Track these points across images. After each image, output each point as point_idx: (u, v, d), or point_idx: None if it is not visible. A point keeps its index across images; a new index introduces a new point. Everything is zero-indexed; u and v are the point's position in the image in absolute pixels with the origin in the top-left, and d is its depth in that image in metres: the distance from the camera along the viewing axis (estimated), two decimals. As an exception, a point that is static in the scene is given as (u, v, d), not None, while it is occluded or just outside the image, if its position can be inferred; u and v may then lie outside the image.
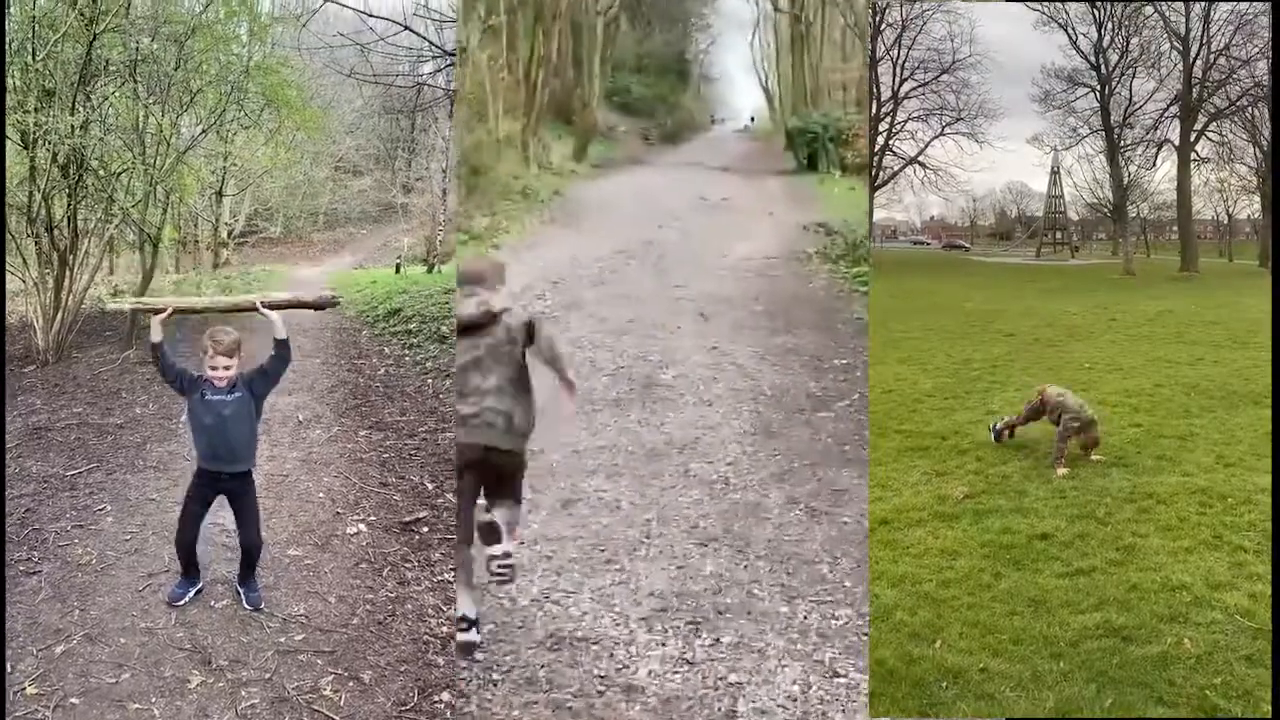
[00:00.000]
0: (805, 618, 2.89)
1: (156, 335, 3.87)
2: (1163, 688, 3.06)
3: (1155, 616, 3.52)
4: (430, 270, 19.22)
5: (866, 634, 2.77)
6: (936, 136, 22.75)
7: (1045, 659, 3.27)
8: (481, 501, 3.10)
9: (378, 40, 9.81)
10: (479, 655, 3.25)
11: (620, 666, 2.99)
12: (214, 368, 3.79)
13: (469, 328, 2.95)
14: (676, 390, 4.84)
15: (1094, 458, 5.21)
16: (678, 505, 3.66)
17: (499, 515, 3.07)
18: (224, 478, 3.89)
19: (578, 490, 3.78)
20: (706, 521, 3.52)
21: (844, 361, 5.14)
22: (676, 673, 2.91)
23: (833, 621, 2.82)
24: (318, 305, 4.20)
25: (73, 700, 3.19)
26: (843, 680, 2.77)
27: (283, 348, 3.96)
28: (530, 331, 2.98)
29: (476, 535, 3.08)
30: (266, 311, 3.92)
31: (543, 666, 2.88)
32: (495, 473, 3.02)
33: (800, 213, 10.00)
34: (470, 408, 2.94)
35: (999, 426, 5.75)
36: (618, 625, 2.97)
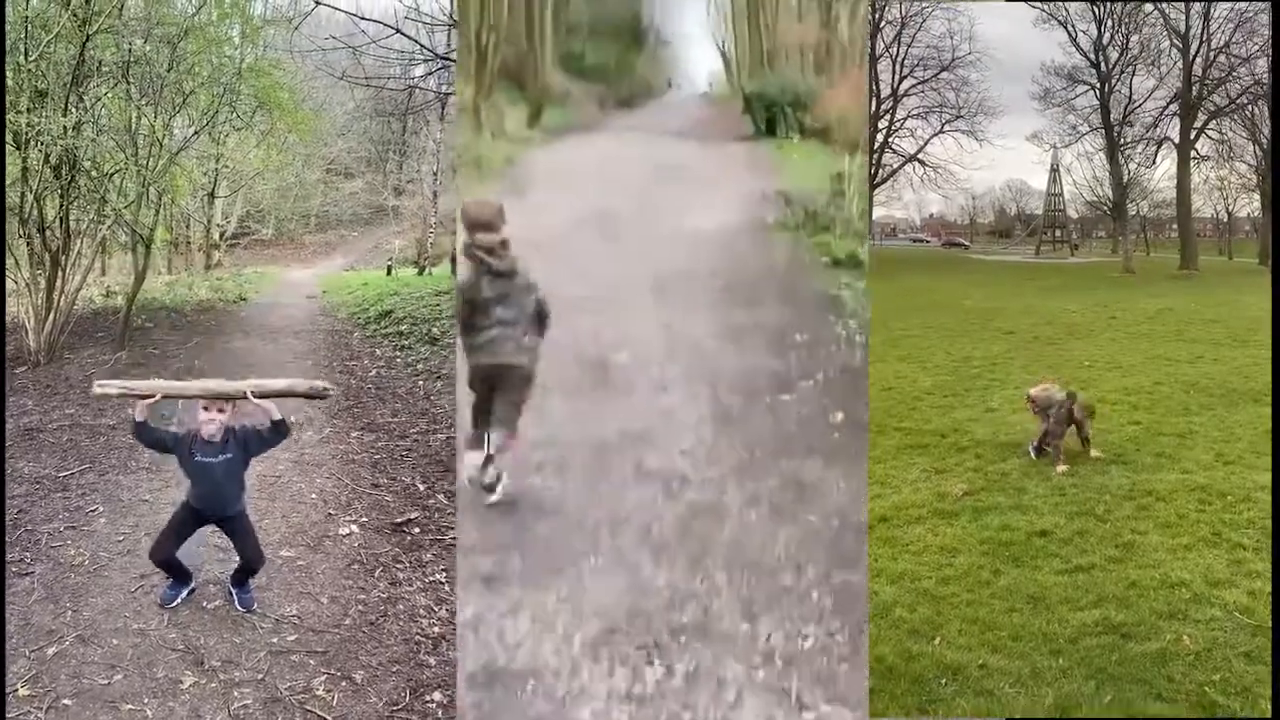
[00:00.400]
0: (768, 639, 2.66)
1: (140, 416, 3.83)
2: (1161, 684, 3.08)
3: (1154, 613, 3.54)
4: (421, 272, 19.26)
5: (841, 654, 2.57)
6: (936, 134, 22.85)
7: (1044, 655, 3.29)
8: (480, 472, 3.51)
9: (369, 43, 9.88)
10: None
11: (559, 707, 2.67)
12: (206, 408, 3.80)
13: (500, 273, 3.49)
14: (629, 373, 4.57)
15: (1094, 454, 5.23)
16: (629, 506, 3.39)
17: (495, 436, 3.53)
18: (215, 519, 3.95)
19: (521, 490, 3.49)
20: (660, 525, 3.28)
21: (805, 337, 4.92)
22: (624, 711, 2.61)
23: (799, 642, 2.64)
24: (310, 394, 4.08)
25: (65, 701, 3.19)
26: (810, 716, 2.50)
27: (279, 428, 3.95)
28: (535, 289, 3.58)
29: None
30: (257, 401, 3.85)
31: (473, 708, 2.59)
32: (507, 383, 3.54)
33: (759, 180, 9.57)
34: (490, 334, 3.49)
35: (1035, 444, 5.59)
36: (559, 653, 2.70)
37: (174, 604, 3.86)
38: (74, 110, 9.23)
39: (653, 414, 4.11)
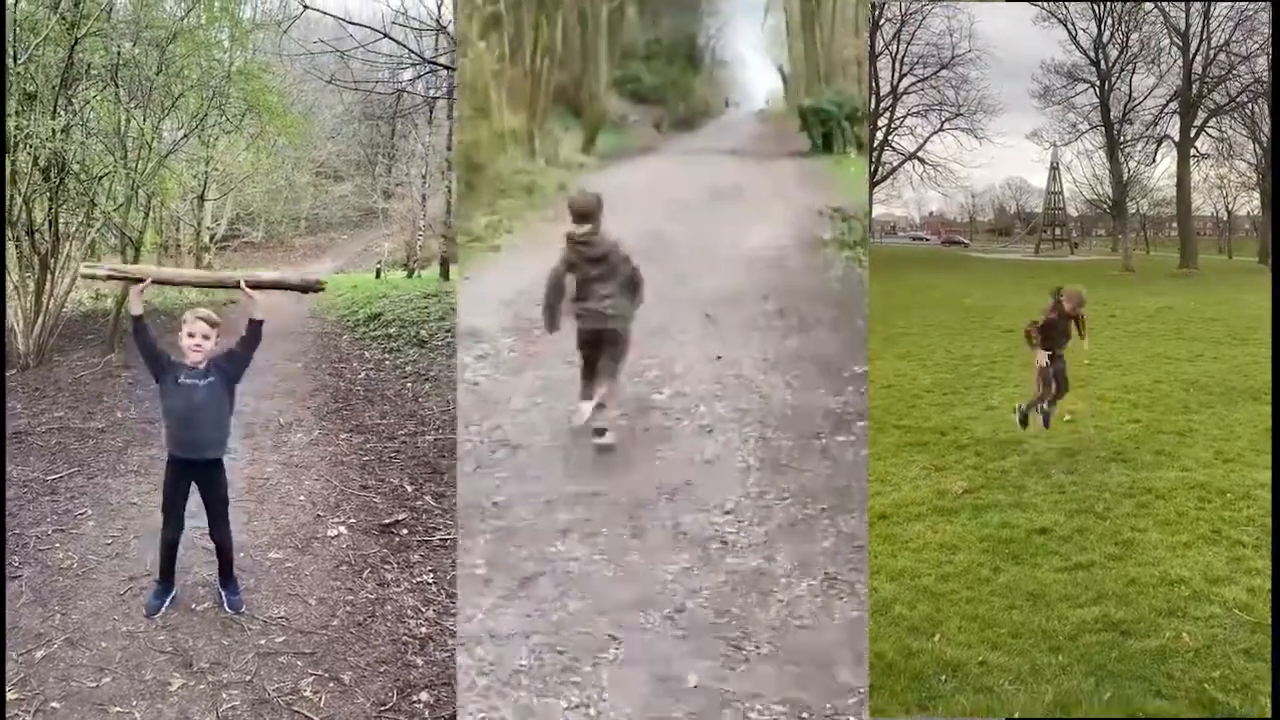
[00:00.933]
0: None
1: (137, 308, 3.79)
2: (1161, 681, 3.09)
3: (1154, 611, 3.55)
4: (410, 275, 19.29)
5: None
6: (936, 132, 22.82)
7: (1044, 652, 3.30)
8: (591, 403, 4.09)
9: (358, 47, 9.92)
10: None
11: None
12: (191, 334, 3.73)
13: (597, 258, 4.10)
14: (672, 414, 4.30)
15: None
16: (662, 578, 3.02)
17: (599, 390, 4.09)
18: (195, 465, 3.85)
19: (542, 559, 3.19)
20: (696, 601, 2.90)
21: (861, 369, 4.75)
22: None
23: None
24: (303, 288, 4.10)
25: (53, 705, 3.18)
26: None
27: (255, 328, 3.87)
28: (629, 261, 4.19)
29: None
30: (249, 292, 3.84)
31: None
32: (597, 344, 4.15)
33: (814, 196, 9.46)
34: (594, 305, 4.11)
35: (1024, 407, 5.73)
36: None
37: (158, 613, 3.85)
38: (63, 113, 9.24)
39: (694, 465, 3.82)
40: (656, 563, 3.25)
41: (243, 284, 3.84)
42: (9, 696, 3.24)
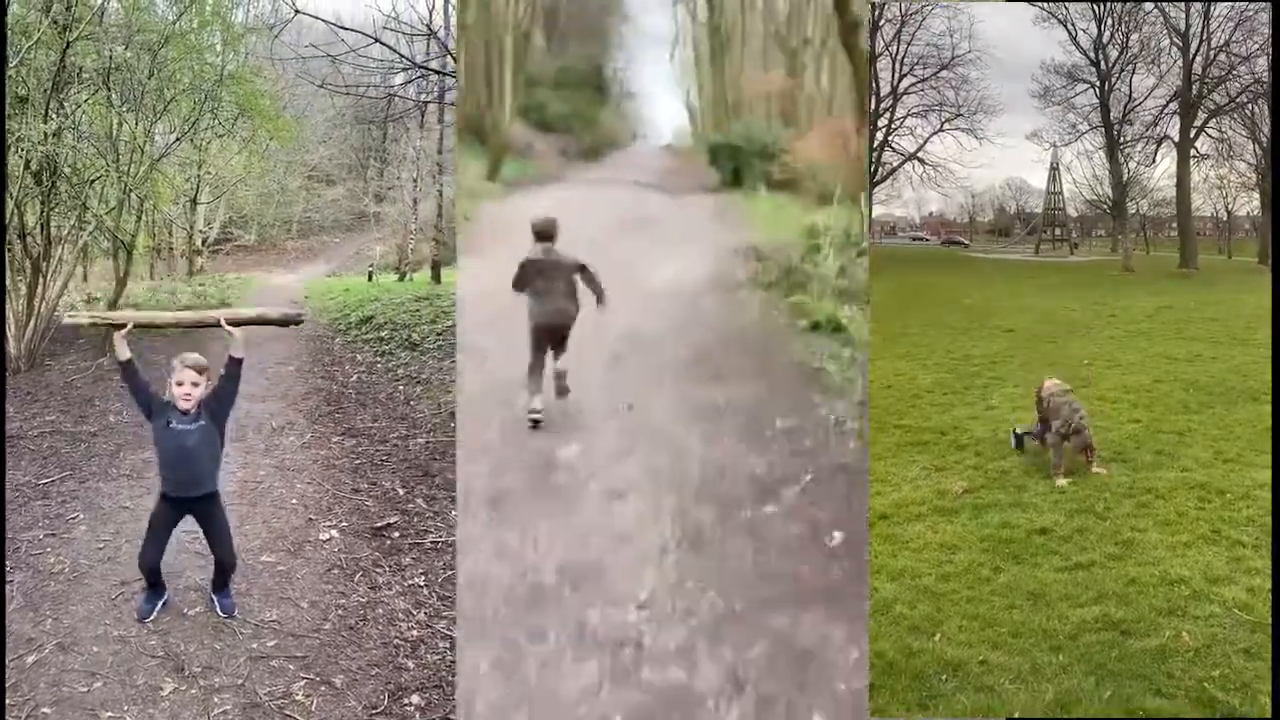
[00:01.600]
0: None
1: (124, 353, 3.83)
2: (1161, 680, 3.09)
3: (1154, 610, 3.56)
4: (402, 278, 19.31)
5: None
6: (936, 132, 22.88)
7: (1044, 652, 3.31)
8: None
9: (349, 52, 9.95)
10: None
11: None
12: (180, 383, 3.77)
13: (550, 266, 4.67)
14: (578, 477, 3.77)
15: (1095, 470, 5.06)
16: (562, 699, 2.49)
17: (557, 364, 4.69)
18: (189, 502, 3.92)
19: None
20: None
21: (786, 423, 4.19)
22: None
23: None
24: (283, 321, 4.15)
25: (44, 710, 3.18)
26: None
27: (235, 366, 3.93)
28: (581, 267, 4.72)
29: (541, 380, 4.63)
30: (230, 329, 3.89)
31: None
32: (558, 337, 4.70)
33: (727, 233, 9.23)
34: (550, 304, 4.65)
35: (1019, 431, 5.60)
36: None
37: (150, 618, 3.85)
38: (54, 117, 9.24)
39: (604, 538, 3.27)
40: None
41: (223, 321, 3.90)
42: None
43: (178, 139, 11.76)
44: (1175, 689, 3.03)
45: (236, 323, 3.93)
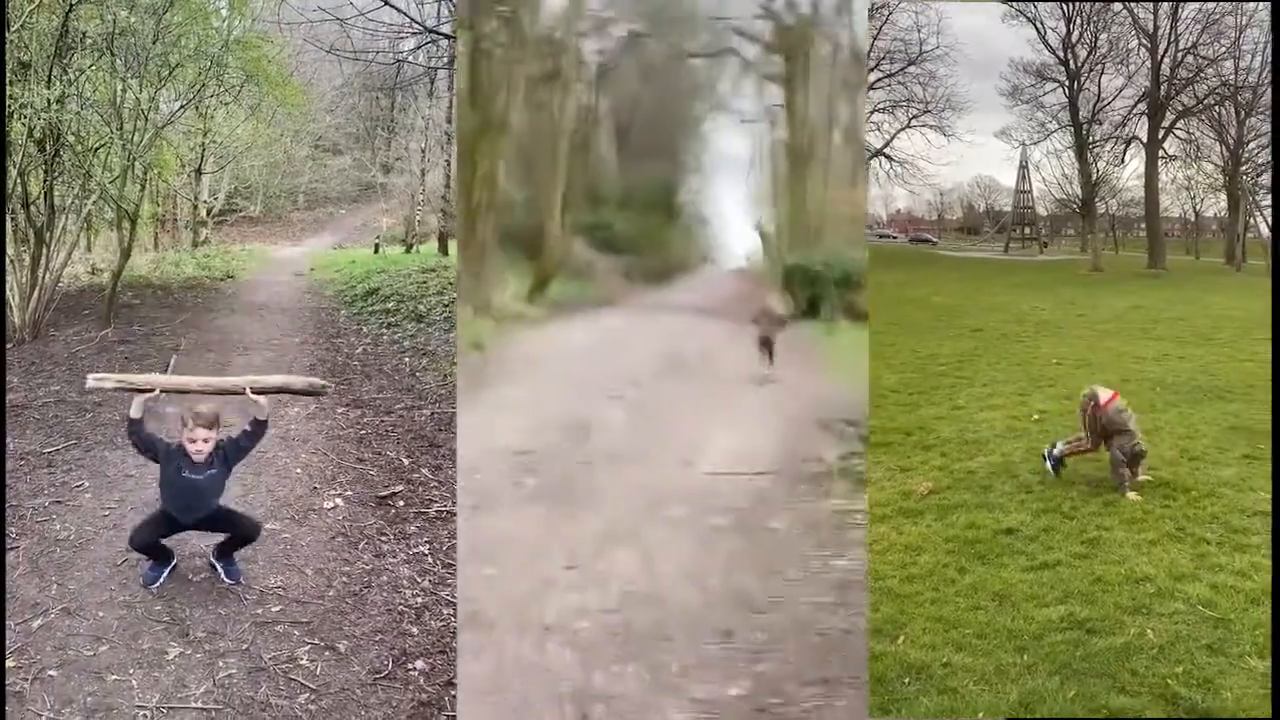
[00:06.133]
0: None
1: (136, 412, 3.81)
2: (1125, 677, 3.05)
3: (1119, 608, 3.49)
4: (408, 250, 19.05)
5: None
6: (903, 129, 22.56)
7: (1009, 652, 3.22)
8: None
9: (358, 15, 9.63)
10: None
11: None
12: (193, 440, 3.75)
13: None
14: None
15: (1141, 478, 4.81)
16: None
17: None
18: (193, 526, 3.92)
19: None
20: None
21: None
22: None
23: None
24: (308, 392, 4.17)
25: (50, 673, 3.16)
26: None
27: (258, 427, 3.95)
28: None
29: None
30: (254, 397, 3.89)
31: None
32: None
33: (803, 377, 6.80)
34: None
35: (1056, 454, 4.99)
36: None
37: (156, 584, 3.82)
38: (58, 83, 8.94)
39: None
40: None
41: (248, 391, 3.89)
42: (7, 664, 3.21)
43: (182, 106, 11.45)
44: (1139, 686, 3.00)
45: (261, 391, 3.94)
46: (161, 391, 3.89)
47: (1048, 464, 4.97)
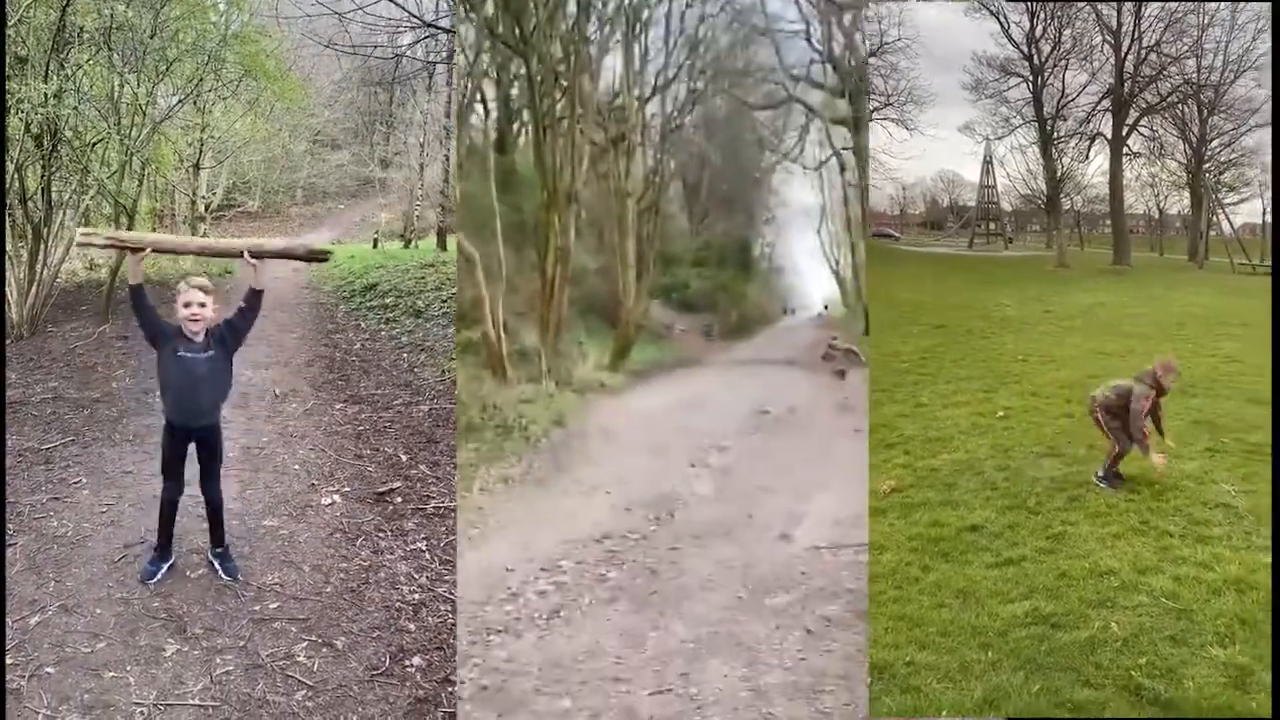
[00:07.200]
0: None
1: (136, 277, 3.60)
2: (1089, 671, 3.01)
3: (1083, 602, 3.42)
4: (407, 245, 18.80)
5: None
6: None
7: (973, 649, 3.14)
8: None
9: (356, 9, 9.42)
10: None
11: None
12: (187, 304, 3.55)
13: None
14: None
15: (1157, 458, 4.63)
16: None
17: None
18: (192, 430, 3.74)
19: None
20: None
21: None
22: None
23: None
24: (309, 257, 3.83)
25: (48, 669, 3.10)
26: None
27: (255, 298, 3.70)
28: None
29: None
30: (253, 261, 3.64)
31: None
32: None
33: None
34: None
35: (1102, 473, 4.71)
36: None
37: (154, 580, 3.75)
38: (55, 77, 8.71)
39: None
40: None
41: (246, 253, 3.64)
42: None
43: (180, 101, 11.20)
44: (1103, 679, 2.96)
45: (260, 255, 3.67)
46: (153, 250, 3.68)
47: (1102, 485, 4.68)
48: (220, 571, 3.82)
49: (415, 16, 10.32)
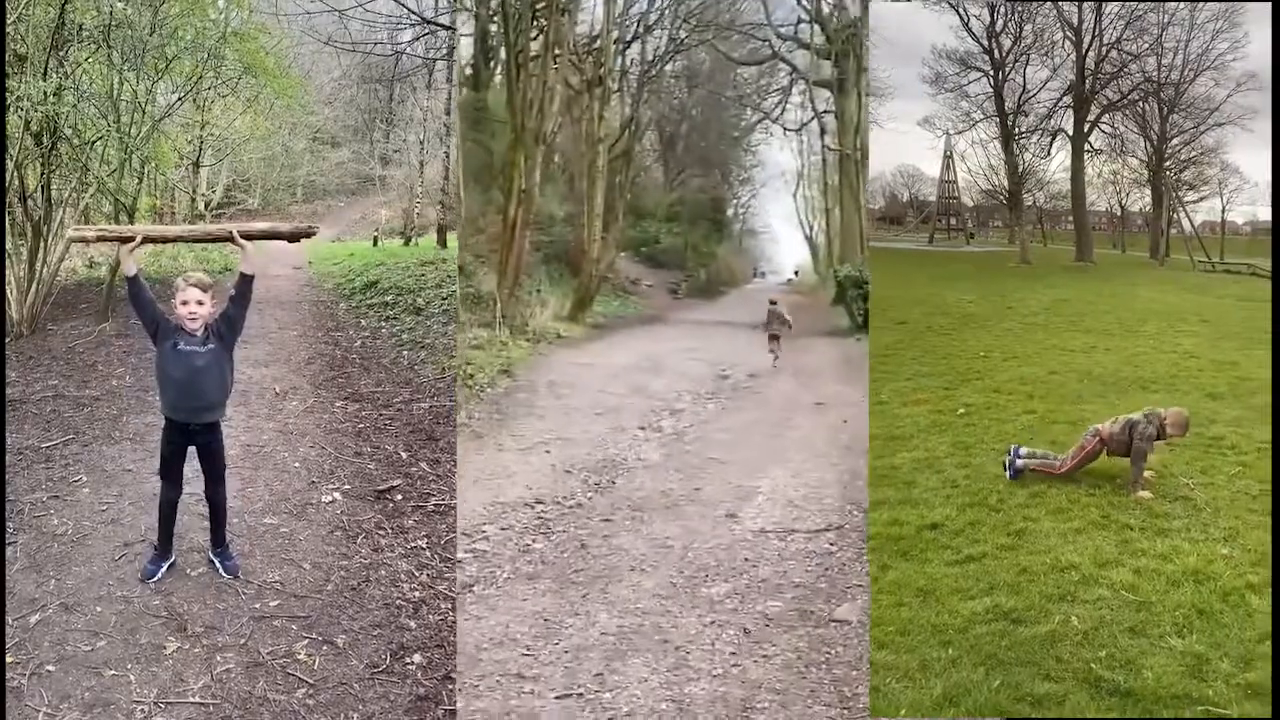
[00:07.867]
0: None
1: (130, 268, 3.50)
2: (1050, 664, 2.91)
3: (1044, 597, 3.36)
4: (407, 243, 18.57)
5: None
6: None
7: (934, 647, 3.06)
8: None
9: (356, 6, 9.21)
10: None
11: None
12: (185, 302, 3.47)
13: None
14: None
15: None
16: None
17: None
18: (192, 428, 3.65)
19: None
20: None
21: None
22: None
23: None
24: (295, 235, 3.79)
25: (48, 668, 3.05)
26: None
27: (245, 284, 3.61)
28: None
29: None
30: (242, 243, 3.57)
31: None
32: None
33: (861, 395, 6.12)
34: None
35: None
36: None
37: (155, 579, 3.69)
38: (54, 75, 8.48)
39: None
40: None
41: (235, 235, 3.57)
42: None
43: (180, 98, 10.96)
44: (1064, 672, 2.93)
45: (248, 237, 3.60)
46: (144, 239, 3.60)
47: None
48: (220, 570, 3.77)
49: (415, 13, 10.15)
